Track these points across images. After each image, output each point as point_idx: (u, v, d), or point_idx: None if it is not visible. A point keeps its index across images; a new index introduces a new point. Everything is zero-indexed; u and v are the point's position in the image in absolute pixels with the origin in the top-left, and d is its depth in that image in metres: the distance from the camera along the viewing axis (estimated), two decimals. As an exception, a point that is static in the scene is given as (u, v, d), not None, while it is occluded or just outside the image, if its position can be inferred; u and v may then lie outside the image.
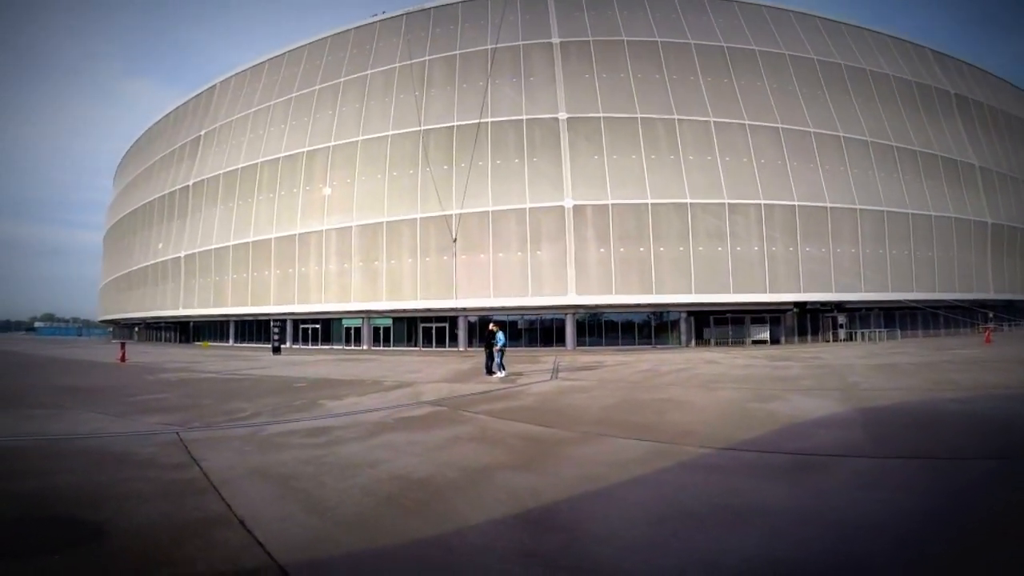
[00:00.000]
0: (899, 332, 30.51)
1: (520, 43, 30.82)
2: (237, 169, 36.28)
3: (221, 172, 37.20)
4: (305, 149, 33.42)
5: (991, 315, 30.77)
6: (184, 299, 38.01)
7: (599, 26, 30.59)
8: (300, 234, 32.15)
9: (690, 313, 29.79)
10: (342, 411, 9.28)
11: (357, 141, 31.86)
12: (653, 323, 31.04)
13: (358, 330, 32.62)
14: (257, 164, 35.24)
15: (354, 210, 30.66)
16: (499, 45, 30.91)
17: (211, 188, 37.69)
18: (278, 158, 34.38)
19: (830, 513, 3.59)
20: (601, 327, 31.00)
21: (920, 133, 31.85)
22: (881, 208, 28.94)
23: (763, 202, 27.70)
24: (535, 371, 16.41)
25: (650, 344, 30.05)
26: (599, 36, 30.36)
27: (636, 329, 30.87)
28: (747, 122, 29.09)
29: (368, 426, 7.81)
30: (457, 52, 31.62)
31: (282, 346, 28.97)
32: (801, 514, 3.61)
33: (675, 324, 30.51)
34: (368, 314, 31.45)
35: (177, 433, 7.23)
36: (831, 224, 28.09)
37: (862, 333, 29.95)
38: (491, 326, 15.05)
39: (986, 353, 17.66)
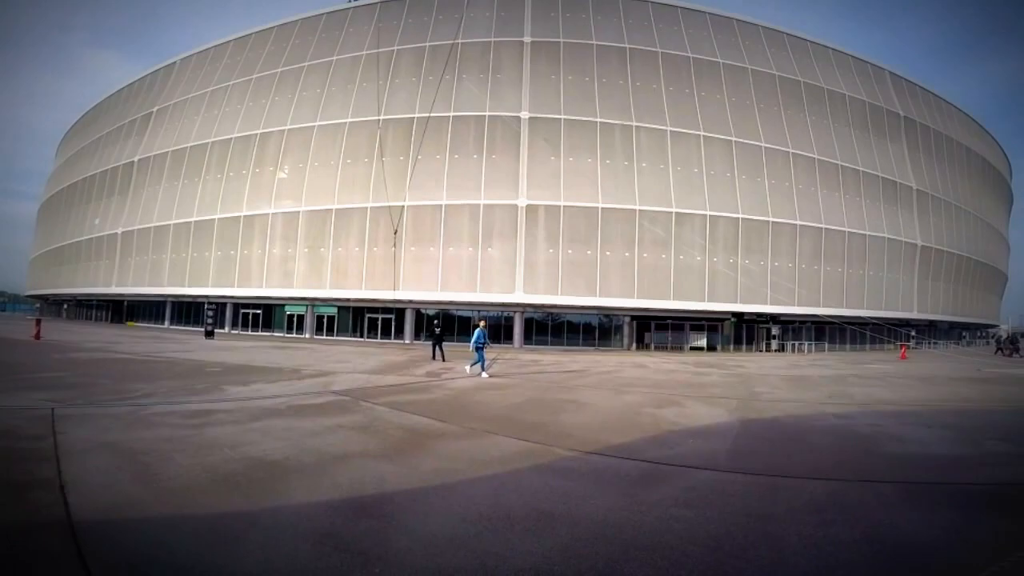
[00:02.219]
0: (827, 345, 31.92)
1: (492, 39, 30.65)
2: (186, 148, 34.98)
3: (169, 150, 35.83)
4: (259, 131, 32.45)
5: (913, 333, 32.53)
6: (118, 277, 36.33)
7: (571, 28, 30.68)
8: (245, 216, 31.15)
9: (633, 317, 30.35)
10: (239, 396, 9.18)
11: (313, 126, 31.12)
12: (598, 326, 31.47)
13: (301, 318, 31.84)
14: (208, 144, 34.05)
15: (303, 195, 29.92)
16: (470, 40, 30.74)
17: (157, 166, 36.21)
18: (230, 139, 33.31)
19: (630, 529, 3.57)
20: (548, 327, 31.18)
21: (866, 153, 33.18)
22: (820, 225, 30.12)
23: (709, 213, 28.42)
24: (468, 367, 16.37)
25: (594, 346, 30.45)
26: (570, 38, 30.45)
27: (582, 330, 31.20)
28: (702, 133, 29.73)
29: (255, 411, 7.75)
30: (427, 44, 31.23)
31: (219, 331, 28.05)
32: (603, 527, 3.61)
33: (619, 328, 31.03)
34: (312, 302, 30.75)
35: (52, 409, 7.10)
36: (771, 238, 29.07)
37: (793, 344, 31.21)
38: (481, 323, 14.96)
39: (896, 369, 18.64)
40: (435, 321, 22.58)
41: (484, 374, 13.46)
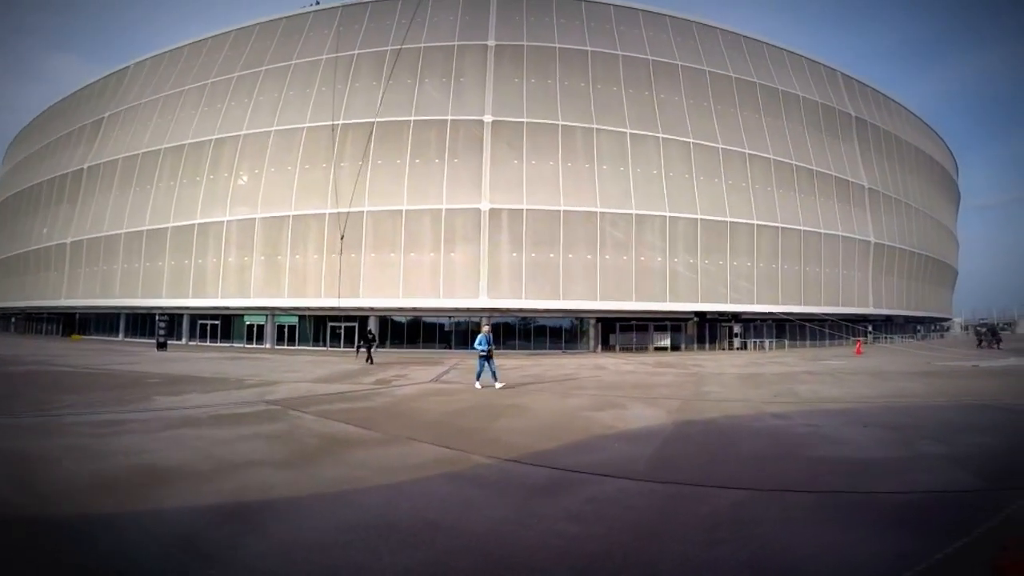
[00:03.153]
0: (787, 342, 32.56)
1: (455, 43, 30.49)
2: (138, 155, 33.91)
3: (120, 157, 34.66)
4: (214, 137, 31.64)
5: (870, 328, 33.43)
6: (68, 288, 34.88)
7: (535, 31, 30.68)
8: (199, 224, 30.25)
9: (599, 320, 30.47)
10: (164, 407, 8.96)
11: (270, 131, 30.46)
12: (566, 329, 31.50)
13: (261, 328, 31.04)
14: (160, 150, 33.05)
15: (259, 202, 29.20)
16: (433, 44, 30.56)
17: (108, 173, 34.99)
18: (183, 145, 32.40)
19: (508, 544, 3.39)
20: (516, 331, 31.06)
21: (820, 153, 33.99)
22: (777, 224, 30.73)
23: (668, 214, 28.72)
24: (424, 373, 16.15)
25: (562, 349, 30.46)
26: (534, 41, 30.45)
27: (549, 334, 31.20)
28: (661, 135, 30.02)
29: (172, 421, 7.57)
30: (388, 48, 30.85)
31: (176, 342, 27.13)
32: (483, 541, 3.46)
33: (585, 330, 31.12)
34: (272, 311, 30.01)
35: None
36: (730, 238, 29.53)
37: (755, 342, 31.75)
38: (485, 327, 13.11)
39: (850, 364, 19.02)
40: (368, 330, 24.24)
41: (497, 384, 11.87)
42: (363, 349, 20.90)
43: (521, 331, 30.89)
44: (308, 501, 4.22)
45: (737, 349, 30.74)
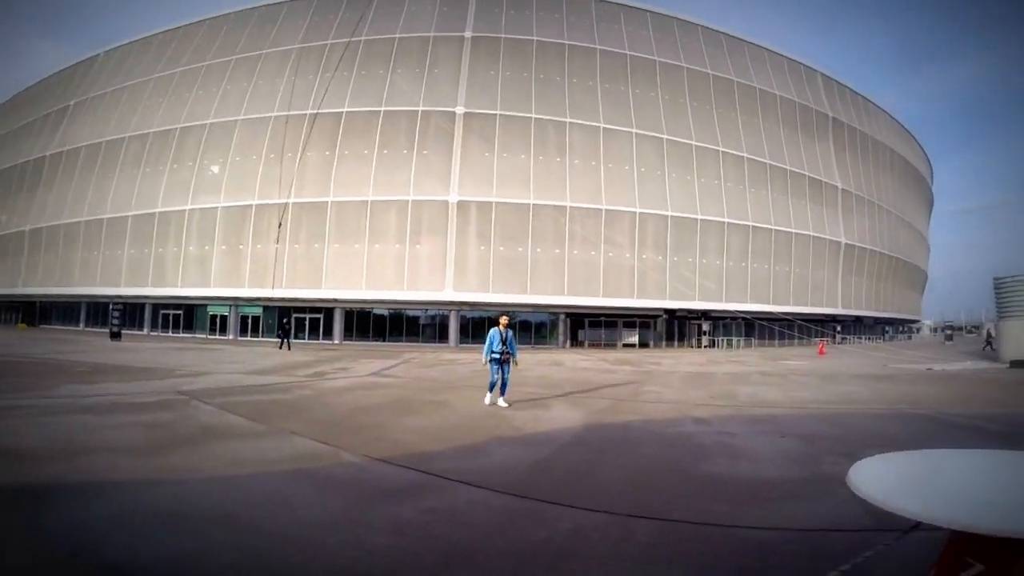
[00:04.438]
0: (755, 341, 32.62)
1: (431, 34, 30.07)
2: (101, 143, 33.21)
3: (83, 145, 33.96)
4: (179, 125, 31.05)
5: (839, 328, 33.61)
6: (26, 277, 34.05)
7: (514, 23, 30.33)
8: (161, 213, 29.56)
9: (568, 315, 30.25)
10: (66, 394, 8.76)
11: (237, 120, 29.92)
12: (535, 324, 31.23)
13: (224, 318, 30.43)
14: (124, 138, 32.38)
15: (222, 191, 28.59)
16: (408, 35, 30.15)
17: (70, 161, 34.21)
18: (148, 133, 31.78)
19: (278, 550, 3.17)
20: (485, 326, 30.72)
21: (794, 153, 34.02)
22: (748, 223, 30.69)
23: (638, 210, 28.53)
24: (372, 366, 15.77)
25: (531, 344, 30.16)
26: (512, 34, 30.09)
27: (519, 329, 30.85)
28: (634, 131, 29.79)
29: (61, 408, 7.46)
30: (363, 38, 30.40)
31: (138, 333, 26.52)
32: (260, 541, 3.25)
33: (555, 325, 30.88)
34: (235, 301, 29.39)
35: None
36: (700, 236, 29.44)
37: (725, 340, 31.75)
38: (501, 321, 9.37)
39: (808, 365, 18.94)
40: (285, 320, 24.98)
41: (501, 401, 8.77)
42: (285, 340, 22.33)
43: (489, 326, 30.50)
44: (129, 486, 4.19)
45: (705, 347, 30.73)
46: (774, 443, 6.54)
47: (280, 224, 24.98)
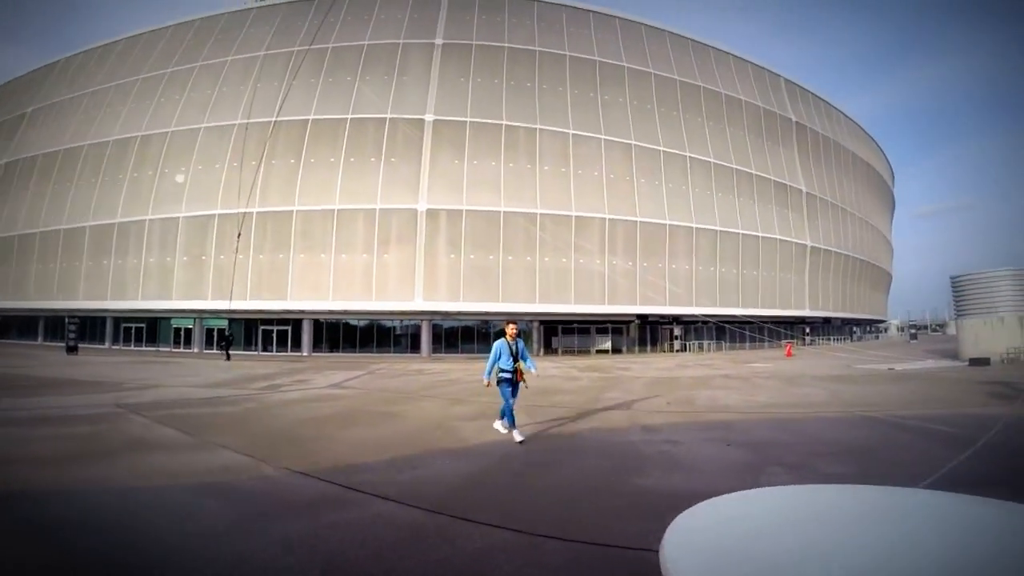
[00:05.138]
0: (726, 344, 32.93)
1: (401, 41, 29.89)
2: (59, 151, 32.19)
3: (40, 153, 32.90)
4: (140, 134, 30.28)
5: (807, 330, 34.15)
6: (-24, 291, 32.56)
7: (486, 30, 30.30)
8: (120, 223, 28.70)
9: (541, 323, 30.13)
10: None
11: (199, 128, 29.23)
12: (509, 331, 31.02)
13: (189, 331, 29.57)
14: (83, 146, 31.43)
15: (184, 201, 27.86)
16: (377, 42, 29.92)
17: (25, 170, 33.16)
18: (107, 141, 30.97)
19: (126, 557, 3.15)
20: (458, 335, 30.46)
21: (759, 157, 34.55)
22: (716, 228, 31.04)
23: (608, 216, 28.63)
24: (331, 378, 15.39)
25: (505, 352, 29.98)
26: (483, 40, 30.05)
27: (493, 338, 30.64)
28: (603, 137, 29.90)
29: None
30: (330, 45, 30.16)
31: (98, 347, 25.64)
32: (115, 549, 3.25)
33: (528, 333, 30.71)
34: (199, 314, 28.58)
35: None
36: (669, 241, 29.65)
37: (696, 344, 32.00)
38: (509, 329, 7.51)
39: (773, 367, 19.12)
40: (226, 332, 25.99)
41: (515, 433, 6.87)
42: (226, 351, 23.05)
43: (462, 335, 30.30)
44: (16, 497, 4.21)
45: (677, 351, 30.90)
46: (718, 452, 6.40)
47: (239, 234, 24.36)
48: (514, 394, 7.06)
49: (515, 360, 7.03)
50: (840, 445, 6.72)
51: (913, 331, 31.06)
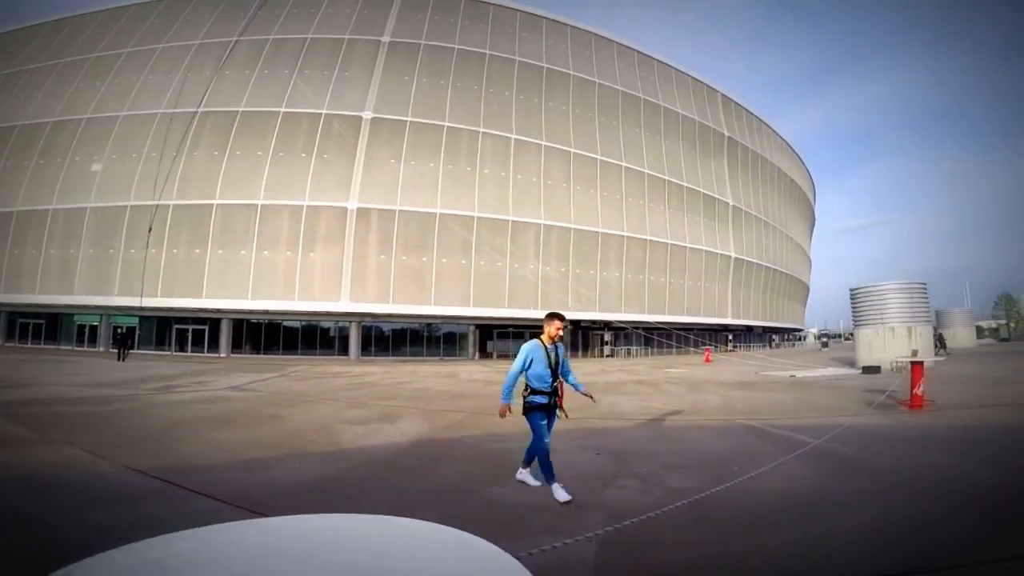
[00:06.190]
0: (654, 350, 33.95)
1: (346, 36, 29.26)
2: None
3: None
4: (52, 119, 28.29)
5: (730, 337, 35.78)
6: None
7: (437, 30, 30.03)
8: (19, 212, 26.43)
9: (477, 326, 30.06)
10: None
11: (118, 116, 27.50)
12: (443, 335, 30.79)
13: (94, 328, 27.53)
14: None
15: (94, 191, 26.00)
16: (321, 36, 29.21)
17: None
18: (15, 126, 28.88)
19: None
20: (388, 337, 29.90)
21: (691, 170, 35.90)
22: (647, 237, 32.02)
23: (543, 222, 28.96)
24: (236, 380, 14.63)
25: (439, 356, 29.70)
26: (432, 40, 29.77)
27: (426, 341, 30.36)
28: (544, 143, 30.21)
29: None
30: (271, 37, 29.26)
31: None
32: None
33: (463, 336, 30.60)
34: (106, 310, 26.67)
35: None
36: (601, 248, 30.32)
37: (625, 350, 32.83)
38: (554, 324, 5.20)
39: (688, 373, 19.72)
40: (119, 329, 24.77)
41: (558, 488, 4.52)
42: (121, 350, 21.31)
43: (394, 338, 29.78)
44: None
45: (607, 356, 31.57)
46: (585, 461, 6.24)
47: (150, 228, 22.95)
48: (549, 427, 4.80)
49: (554, 374, 4.73)
50: (700, 457, 6.56)
51: (824, 340, 33.37)
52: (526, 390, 4.70)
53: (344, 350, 28.18)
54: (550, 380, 4.65)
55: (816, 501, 4.42)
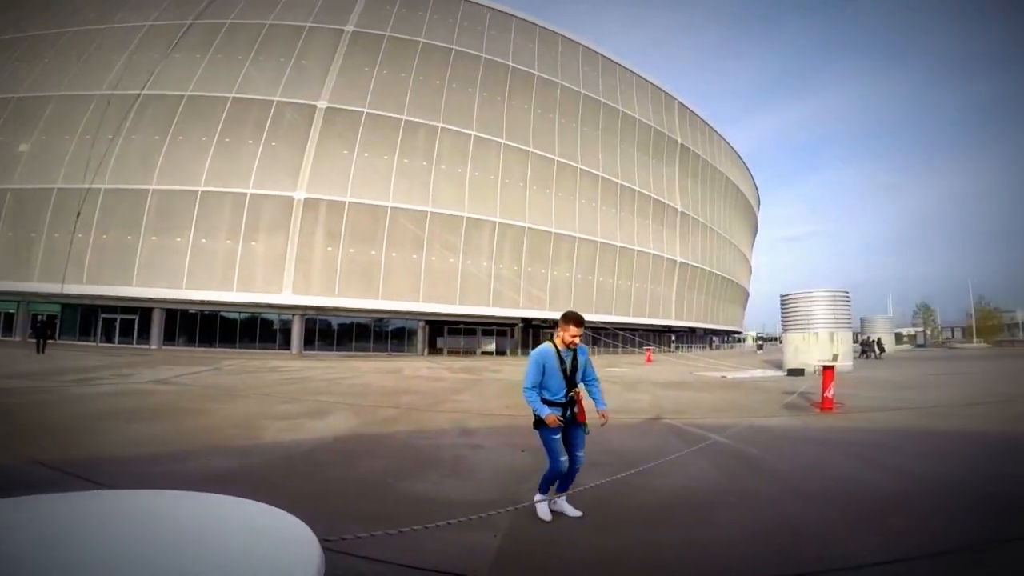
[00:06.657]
0: (601, 349, 34.63)
1: (308, 24, 28.52)
2: None
3: None
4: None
5: (673, 338, 37.01)
6: None
7: (403, 23, 29.58)
8: (-72, 188, 24.32)
9: (427, 322, 29.88)
10: None
11: (51, 96, 25.87)
12: (392, 331, 30.44)
13: (11, 317, 25.71)
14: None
15: (16, 172, 24.28)
16: (281, 22, 28.40)
17: None
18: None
19: None
20: (334, 332, 29.30)
21: (643, 174, 36.77)
22: (597, 239, 32.68)
23: (498, 220, 29.07)
24: (163, 373, 14.02)
25: (387, 351, 29.35)
26: (398, 33, 29.30)
27: (374, 336, 29.93)
28: (503, 141, 30.28)
29: None
30: (228, 21, 28.27)
31: None
32: None
33: (413, 332, 30.35)
34: (24, 297, 24.95)
35: None
36: (553, 248, 30.74)
37: (573, 349, 33.38)
38: (571, 329, 4.26)
39: (628, 372, 20.22)
40: (39, 317, 23.58)
41: (566, 505, 4.08)
42: (40, 342, 19.87)
43: (339, 332, 29.22)
44: None
45: (555, 355, 32.02)
46: (507, 459, 6.22)
47: (79, 213, 21.64)
48: (575, 443, 4.01)
49: (570, 383, 4.00)
50: (615, 455, 6.77)
51: (760, 342, 35.08)
52: (550, 401, 3.96)
53: (286, 344, 27.45)
54: (564, 390, 3.96)
55: (711, 500, 4.64)
